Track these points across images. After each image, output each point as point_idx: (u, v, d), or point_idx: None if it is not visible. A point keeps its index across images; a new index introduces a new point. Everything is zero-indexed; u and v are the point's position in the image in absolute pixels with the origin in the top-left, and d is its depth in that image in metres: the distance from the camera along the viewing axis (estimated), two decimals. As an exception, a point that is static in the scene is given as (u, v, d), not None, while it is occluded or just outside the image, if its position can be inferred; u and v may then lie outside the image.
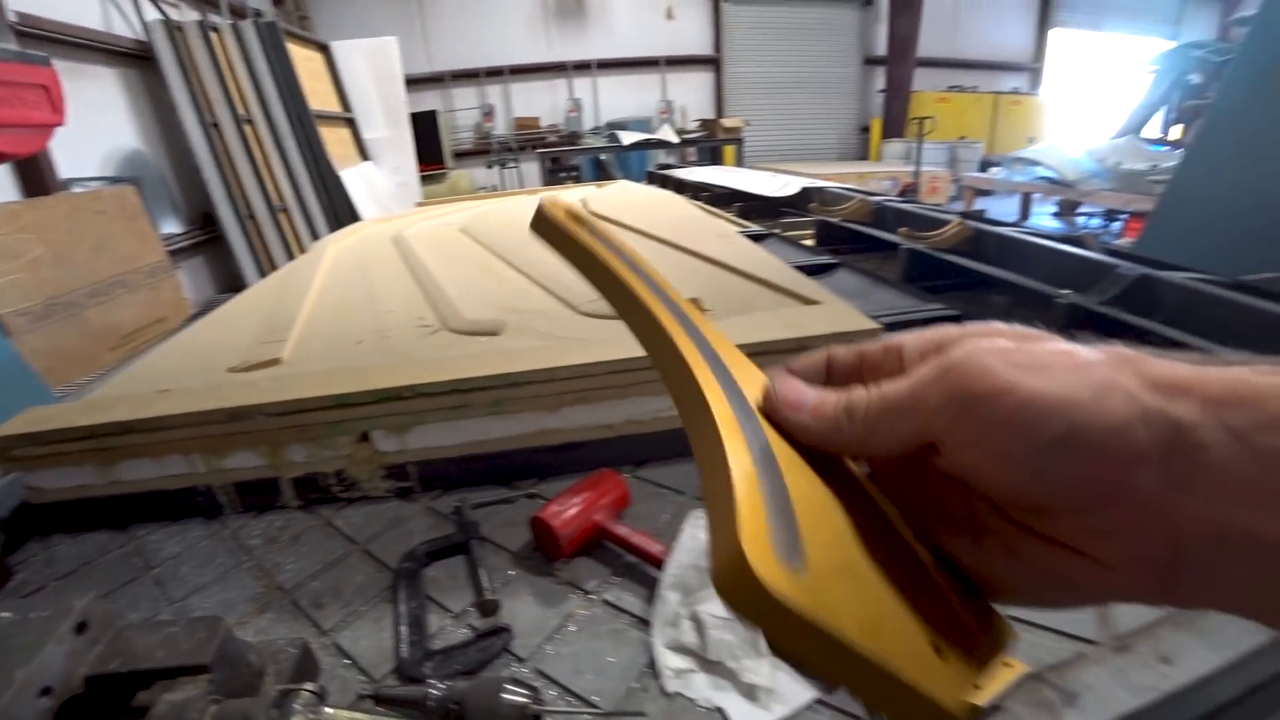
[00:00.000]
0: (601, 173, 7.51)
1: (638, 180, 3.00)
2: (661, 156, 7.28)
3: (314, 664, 0.58)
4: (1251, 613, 0.20)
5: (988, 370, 0.22)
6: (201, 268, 4.27)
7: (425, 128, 6.88)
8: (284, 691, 0.47)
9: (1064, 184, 5.88)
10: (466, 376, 0.77)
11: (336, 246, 1.76)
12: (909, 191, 6.70)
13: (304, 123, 4.37)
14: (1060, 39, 11.20)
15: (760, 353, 0.72)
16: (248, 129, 4.12)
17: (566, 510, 0.68)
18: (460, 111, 8.56)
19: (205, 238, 4.23)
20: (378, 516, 0.81)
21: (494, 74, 8.56)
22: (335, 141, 4.87)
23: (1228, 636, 0.57)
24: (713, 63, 9.31)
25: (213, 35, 4.01)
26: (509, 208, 2.03)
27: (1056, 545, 0.22)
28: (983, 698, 0.21)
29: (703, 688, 0.54)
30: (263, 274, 3.94)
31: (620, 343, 0.82)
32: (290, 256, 4.07)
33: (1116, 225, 6.39)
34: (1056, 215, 6.98)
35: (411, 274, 1.32)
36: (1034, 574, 0.23)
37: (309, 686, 0.47)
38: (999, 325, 0.25)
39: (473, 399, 0.78)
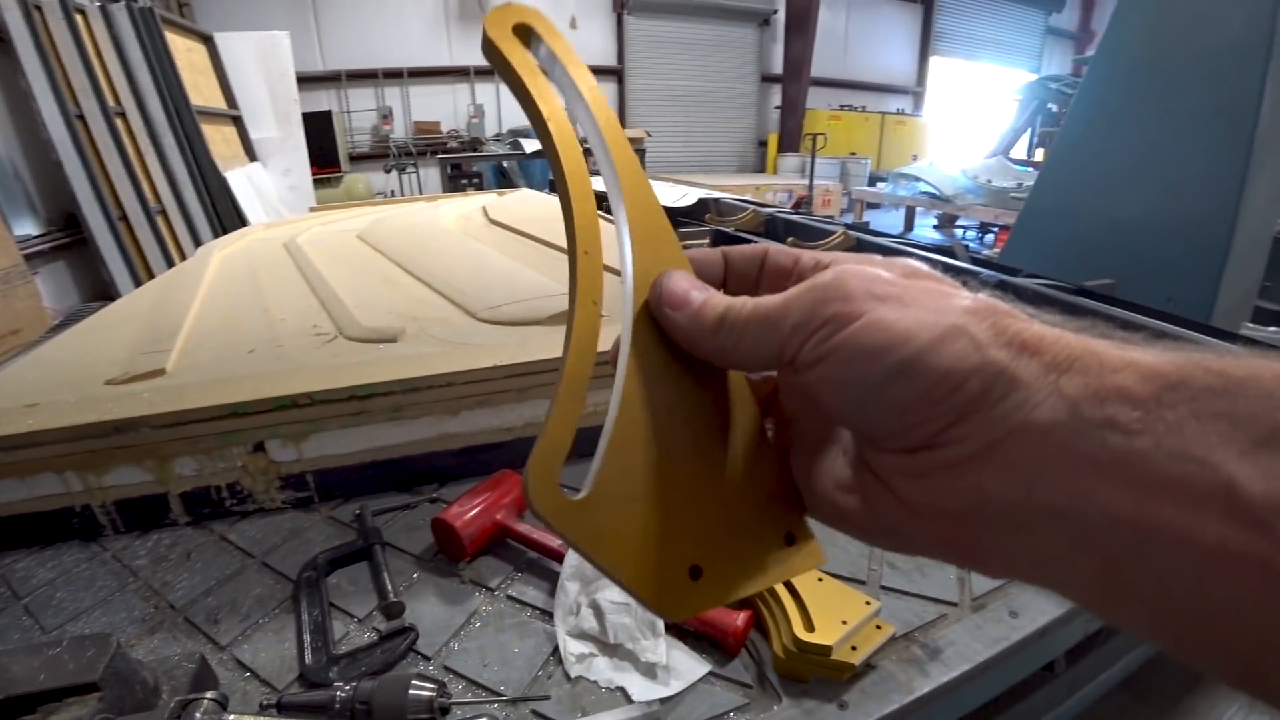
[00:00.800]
0: (504, 180, 7.42)
1: (540, 189, 3.01)
2: (566, 164, 7.29)
3: (212, 677, 0.57)
4: (1050, 583, 0.20)
5: (847, 295, 0.21)
6: (65, 274, 3.89)
7: (319, 129, 6.60)
8: (184, 702, 0.46)
9: (943, 199, 6.36)
10: (365, 382, 0.78)
11: (223, 252, 1.68)
12: (803, 203, 7.04)
13: (184, 118, 4.09)
14: (939, 66, 12.12)
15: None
16: (119, 122, 3.81)
17: (468, 511, 0.69)
18: (357, 113, 8.24)
19: (69, 240, 3.85)
20: (275, 528, 0.80)
21: (393, 75, 8.30)
22: (219, 140, 4.59)
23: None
24: (615, 74, 9.43)
25: (78, 18, 3.69)
26: (407, 214, 2.00)
27: (879, 481, 0.22)
28: (680, 615, 0.25)
29: (604, 670, 0.57)
30: (138, 281, 3.65)
31: (519, 347, 0.85)
32: (169, 262, 3.79)
33: (990, 237, 6.97)
34: (937, 227, 7.53)
35: (306, 281, 1.28)
36: (863, 508, 0.23)
37: (210, 695, 0.47)
38: (899, 260, 0.24)
39: (372, 405, 0.79)
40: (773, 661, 0.58)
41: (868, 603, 0.60)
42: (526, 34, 0.27)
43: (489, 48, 0.26)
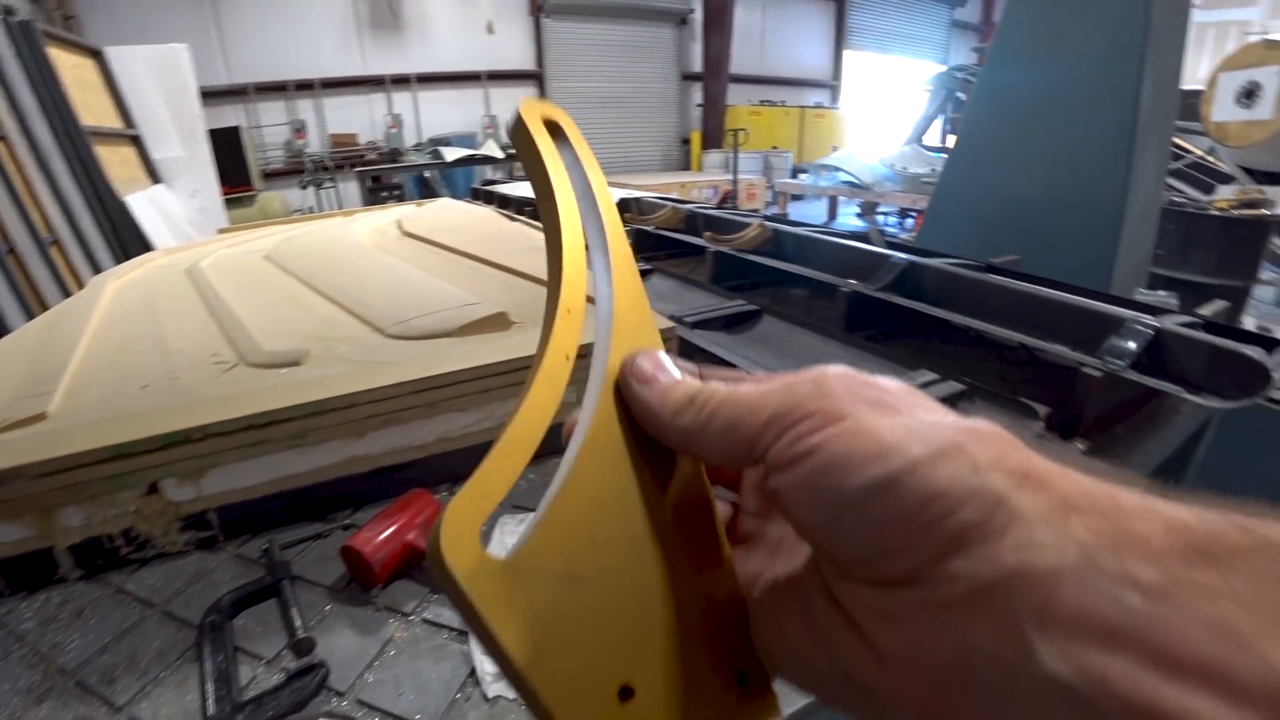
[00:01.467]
0: (426, 190, 7.26)
1: (464, 197, 2.96)
2: (489, 172, 7.20)
3: (100, 741, 0.53)
4: None
5: (828, 393, 0.19)
6: (-52, 314, 3.61)
7: (228, 146, 6.30)
8: (56, 773, 0.43)
9: (863, 187, 6.57)
10: (263, 410, 0.74)
11: (118, 282, 1.58)
12: (729, 198, 7.15)
13: (75, 140, 3.85)
14: (854, 60, 12.54)
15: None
16: (1, 147, 3.56)
17: (377, 535, 0.67)
18: (268, 128, 7.93)
19: (-49, 278, 3.58)
20: (178, 573, 0.75)
21: (304, 87, 8.03)
22: (117, 162, 4.33)
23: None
24: (535, 77, 9.37)
25: (-56, 38, 3.42)
26: (317, 230, 1.93)
27: (845, 617, 0.19)
28: None
29: (523, 687, 0.56)
30: (31, 317, 3.42)
31: (426, 361, 0.82)
32: (67, 295, 3.56)
33: (909, 222, 7.25)
34: (860, 215, 7.77)
35: (206, 308, 1.22)
36: (822, 651, 0.20)
37: (86, 762, 0.44)
38: (883, 377, 0.21)
39: (272, 433, 0.75)
40: (693, 660, 0.58)
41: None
42: (554, 129, 0.30)
43: (521, 132, 0.28)
